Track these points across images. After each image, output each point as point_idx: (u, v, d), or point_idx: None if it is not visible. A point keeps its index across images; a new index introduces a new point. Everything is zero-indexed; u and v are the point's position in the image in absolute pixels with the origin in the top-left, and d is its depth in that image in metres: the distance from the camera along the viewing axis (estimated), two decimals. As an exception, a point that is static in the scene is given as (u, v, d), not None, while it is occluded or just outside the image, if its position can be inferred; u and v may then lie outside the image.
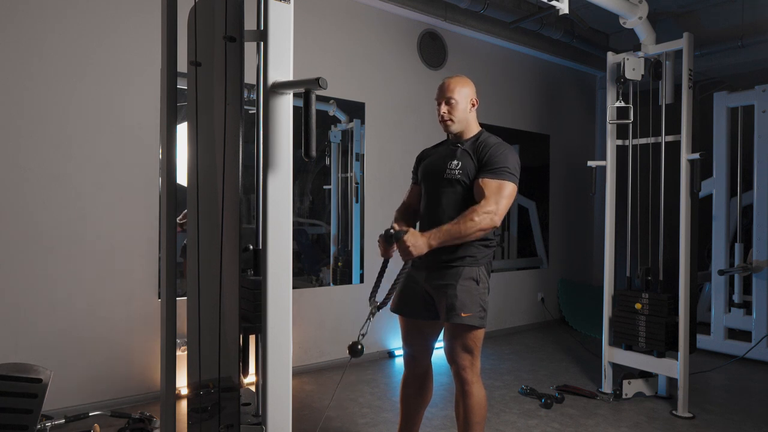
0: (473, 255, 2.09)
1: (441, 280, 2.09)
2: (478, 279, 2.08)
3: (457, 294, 2.04)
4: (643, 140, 3.53)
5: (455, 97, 2.13)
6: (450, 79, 2.18)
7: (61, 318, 2.93)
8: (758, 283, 4.32)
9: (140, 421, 2.76)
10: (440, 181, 2.16)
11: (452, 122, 2.15)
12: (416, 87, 4.56)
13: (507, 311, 5.31)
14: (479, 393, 2.09)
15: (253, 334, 1.50)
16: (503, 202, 2.01)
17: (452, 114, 2.14)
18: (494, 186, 2.02)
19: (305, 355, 3.88)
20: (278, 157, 1.35)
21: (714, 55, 5.10)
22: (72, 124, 2.98)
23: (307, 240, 4.35)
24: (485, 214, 1.96)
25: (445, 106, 2.15)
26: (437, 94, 2.19)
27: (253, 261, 1.53)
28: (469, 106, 2.17)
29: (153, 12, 3.19)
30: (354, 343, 1.85)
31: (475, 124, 2.22)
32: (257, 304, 1.40)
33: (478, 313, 2.05)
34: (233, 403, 1.44)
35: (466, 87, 2.17)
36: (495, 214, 1.98)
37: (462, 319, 2.02)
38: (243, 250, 1.49)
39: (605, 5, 3.22)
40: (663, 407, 3.26)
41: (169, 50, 1.62)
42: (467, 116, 2.17)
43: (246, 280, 1.52)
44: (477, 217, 1.96)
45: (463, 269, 2.07)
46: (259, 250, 1.51)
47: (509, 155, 2.09)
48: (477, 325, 2.05)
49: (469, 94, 2.17)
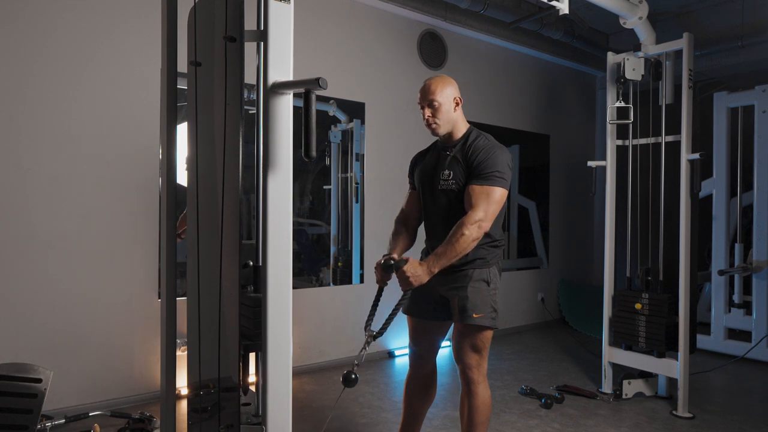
0: (483, 257, 2.09)
1: (453, 283, 2.10)
2: (488, 280, 2.09)
3: (468, 296, 2.05)
4: (643, 140, 3.52)
5: (437, 99, 2.08)
6: (430, 80, 2.13)
7: (61, 318, 2.93)
8: (758, 283, 4.32)
9: (140, 421, 2.76)
10: (436, 191, 2.16)
11: (438, 125, 2.12)
12: (416, 87, 4.47)
13: (507, 311, 5.30)
14: (484, 393, 2.11)
15: (254, 351, 1.49)
16: (491, 208, 1.99)
17: (437, 117, 2.10)
18: (481, 193, 2.00)
19: (305, 355, 3.88)
20: (278, 157, 1.35)
21: (714, 55, 5.10)
22: (72, 124, 2.98)
23: (307, 240, 4.35)
24: (472, 225, 1.95)
25: (428, 109, 2.11)
26: (419, 98, 2.14)
27: (254, 251, 1.53)
28: (453, 106, 2.12)
29: (153, 12, 3.19)
30: (348, 372, 1.81)
31: (463, 123, 2.18)
32: (257, 321, 1.39)
33: (489, 313, 2.06)
34: (233, 403, 1.44)
35: (448, 87, 2.11)
36: (483, 221, 1.97)
37: (474, 320, 2.04)
38: (243, 258, 1.48)
39: (605, 5, 3.22)
40: (663, 407, 3.26)
41: (169, 50, 1.62)
42: (452, 116, 2.12)
43: (246, 297, 1.51)
44: (466, 231, 1.95)
45: (474, 271, 2.08)
46: (258, 255, 1.51)
47: (498, 157, 2.05)
48: (488, 326, 2.07)
49: (451, 94, 2.11)
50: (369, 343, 1.96)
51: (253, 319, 1.44)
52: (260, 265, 1.44)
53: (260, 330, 1.37)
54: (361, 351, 1.91)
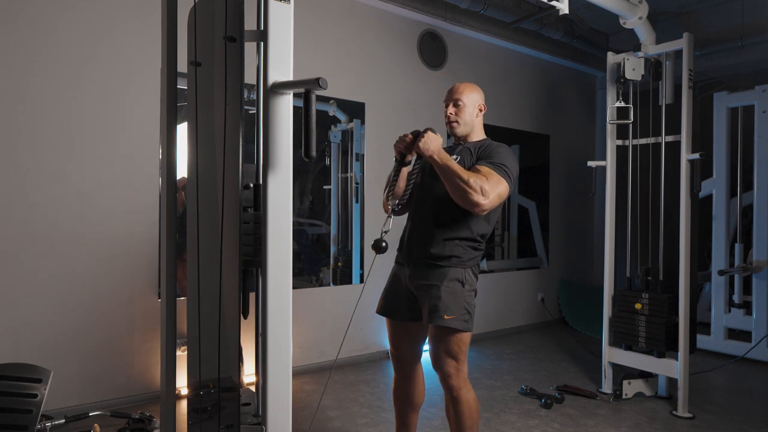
0: (459, 255, 2.05)
1: (425, 279, 2.05)
2: (463, 281, 2.04)
3: (441, 295, 1.99)
4: (643, 140, 3.52)
5: (463, 99, 2.15)
6: (460, 83, 2.22)
7: (61, 318, 2.93)
8: (758, 283, 4.32)
9: (140, 421, 2.76)
10: (435, 182, 2.11)
11: (458, 124, 2.16)
12: (416, 87, 4.56)
13: (507, 311, 5.31)
14: (468, 397, 2.05)
15: (253, 267, 1.42)
16: (495, 191, 1.95)
17: (459, 116, 2.15)
18: (490, 174, 1.98)
19: (305, 355, 3.88)
20: (278, 157, 1.35)
21: (714, 55, 5.10)
22: (72, 123, 2.98)
23: (307, 240, 4.35)
24: (480, 186, 1.91)
25: (452, 107, 2.17)
26: (446, 96, 2.21)
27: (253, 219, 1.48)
28: (477, 111, 2.19)
29: (153, 12, 3.19)
30: (378, 240, 1.85)
31: (481, 131, 2.23)
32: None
33: (462, 315, 1.99)
34: (233, 403, 1.44)
35: (475, 92, 2.19)
36: (485, 198, 1.92)
37: (445, 321, 1.97)
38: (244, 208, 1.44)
39: (605, 5, 3.22)
40: (663, 407, 3.26)
41: (169, 50, 1.62)
42: (473, 120, 2.18)
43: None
44: (473, 182, 1.91)
45: (449, 270, 2.03)
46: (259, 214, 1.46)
47: (510, 157, 2.08)
48: (461, 329, 1.99)
49: (477, 100, 2.19)
50: (395, 210, 2.08)
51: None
52: (260, 265, 1.43)
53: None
54: (386, 219, 1.98)
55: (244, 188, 1.42)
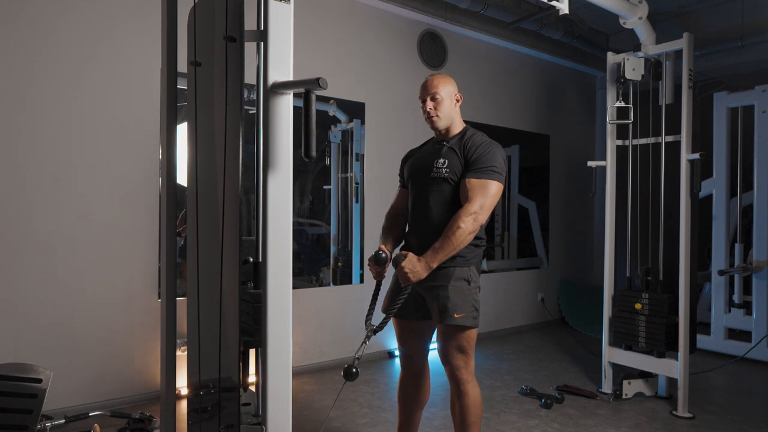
0: (463, 255, 2.08)
1: (432, 281, 2.08)
2: (469, 279, 2.09)
3: (449, 295, 2.04)
4: (643, 140, 3.52)
5: (440, 93, 2.16)
6: (433, 76, 2.22)
7: (61, 318, 2.93)
8: (758, 283, 4.32)
9: (140, 421, 2.76)
10: (427, 180, 2.16)
11: (438, 118, 2.17)
12: (416, 87, 4.45)
13: (507, 311, 5.30)
14: (474, 392, 2.10)
15: (253, 348, 1.48)
16: (487, 201, 2.03)
17: (438, 110, 2.16)
18: (478, 186, 2.03)
19: (305, 355, 3.88)
20: (278, 157, 1.35)
21: (714, 55, 5.10)
22: (72, 124, 2.98)
23: (307, 240, 4.35)
24: (468, 216, 1.98)
25: (430, 102, 2.17)
26: (421, 92, 2.21)
27: (254, 247, 1.51)
28: (454, 102, 2.20)
29: (153, 12, 3.19)
30: (349, 366, 1.83)
31: (460, 121, 2.25)
32: (257, 317, 1.39)
33: (471, 313, 2.06)
34: (233, 403, 1.44)
35: (450, 84, 2.20)
36: (479, 213, 2.00)
37: (455, 320, 2.02)
38: (242, 255, 1.47)
39: (605, 5, 3.22)
40: (663, 407, 3.26)
41: (169, 50, 1.62)
42: (452, 112, 2.20)
43: (246, 293, 1.51)
44: (462, 224, 1.97)
45: (454, 270, 2.07)
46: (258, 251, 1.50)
47: (496, 153, 2.10)
48: (470, 325, 2.06)
49: (453, 91, 2.20)
50: (369, 337, 1.98)
51: (253, 316, 1.44)
52: (260, 261, 1.43)
53: (260, 327, 1.37)
54: (361, 345, 1.92)
55: (244, 191, 1.43)
